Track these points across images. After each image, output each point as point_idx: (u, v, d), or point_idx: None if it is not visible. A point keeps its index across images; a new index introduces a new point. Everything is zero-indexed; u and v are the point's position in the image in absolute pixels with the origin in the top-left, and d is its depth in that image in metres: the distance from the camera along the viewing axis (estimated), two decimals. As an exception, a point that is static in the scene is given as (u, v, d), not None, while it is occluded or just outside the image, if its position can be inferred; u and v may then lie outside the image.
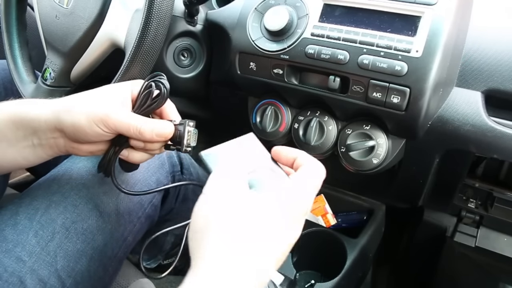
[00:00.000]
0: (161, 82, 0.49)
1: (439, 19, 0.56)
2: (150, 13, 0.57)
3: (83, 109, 0.47)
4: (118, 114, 0.46)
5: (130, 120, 0.47)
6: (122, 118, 0.46)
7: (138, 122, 0.47)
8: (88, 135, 0.47)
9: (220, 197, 0.38)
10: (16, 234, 0.53)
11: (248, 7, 0.69)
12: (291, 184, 0.40)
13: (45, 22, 0.74)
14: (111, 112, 0.46)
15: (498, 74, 0.59)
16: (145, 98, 0.50)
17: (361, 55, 0.59)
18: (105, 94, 0.49)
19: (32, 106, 0.50)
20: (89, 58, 0.70)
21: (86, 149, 0.51)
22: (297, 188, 0.40)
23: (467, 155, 0.69)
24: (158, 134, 0.48)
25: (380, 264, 1.02)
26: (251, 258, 0.35)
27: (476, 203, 0.83)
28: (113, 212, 0.60)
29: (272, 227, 0.37)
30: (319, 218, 0.83)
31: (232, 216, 0.36)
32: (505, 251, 0.84)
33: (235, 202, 0.37)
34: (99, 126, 0.46)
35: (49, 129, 0.49)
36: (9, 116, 0.49)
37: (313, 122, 0.68)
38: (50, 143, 0.50)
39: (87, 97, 0.49)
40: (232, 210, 0.36)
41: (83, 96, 0.50)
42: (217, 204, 0.37)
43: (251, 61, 0.69)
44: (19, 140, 0.50)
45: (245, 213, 0.36)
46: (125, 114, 0.47)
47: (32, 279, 0.51)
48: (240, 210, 0.37)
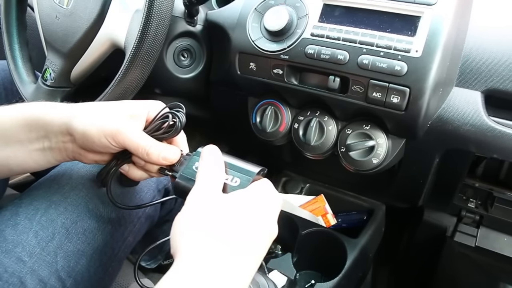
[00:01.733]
0: (178, 115, 0.51)
1: (439, 19, 0.56)
2: (150, 13, 0.57)
3: (96, 120, 0.48)
4: (129, 132, 0.48)
5: (140, 141, 0.48)
6: (133, 137, 0.48)
7: (147, 144, 0.48)
8: (95, 145, 0.48)
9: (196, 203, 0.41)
10: (16, 235, 0.53)
11: (248, 7, 0.69)
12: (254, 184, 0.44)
13: (45, 22, 0.74)
14: (123, 128, 0.47)
15: (498, 74, 0.59)
16: (159, 126, 0.51)
17: (361, 55, 0.59)
18: (121, 109, 0.50)
19: (47, 109, 0.51)
20: (89, 58, 0.70)
21: (91, 158, 0.52)
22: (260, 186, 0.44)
23: (467, 155, 0.69)
24: (164, 158, 0.49)
25: (380, 264, 1.02)
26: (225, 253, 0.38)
27: (476, 203, 0.83)
28: (113, 213, 0.60)
29: (244, 224, 0.40)
30: (319, 218, 0.83)
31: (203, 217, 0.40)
32: (505, 251, 0.84)
33: (207, 205, 0.41)
34: (108, 139, 0.47)
35: (60, 132, 0.50)
36: (24, 118, 0.50)
37: (313, 122, 0.68)
38: (59, 146, 0.51)
39: (102, 108, 0.50)
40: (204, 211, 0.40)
41: (99, 107, 0.50)
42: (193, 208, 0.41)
43: (251, 61, 0.69)
44: (31, 142, 0.51)
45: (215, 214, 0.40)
46: (136, 133, 0.48)
47: (32, 279, 0.51)
48: (211, 211, 0.40)
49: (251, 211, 0.41)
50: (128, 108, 0.51)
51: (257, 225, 0.41)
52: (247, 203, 0.42)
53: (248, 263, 0.39)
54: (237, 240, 0.39)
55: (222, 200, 0.42)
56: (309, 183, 0.94)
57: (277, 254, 0.73)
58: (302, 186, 0.94)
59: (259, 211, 0.42)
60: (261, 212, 0.42)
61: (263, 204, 0.43)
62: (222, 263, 0.37)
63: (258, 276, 0.57)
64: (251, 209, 0.41)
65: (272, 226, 0.42)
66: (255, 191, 0.43)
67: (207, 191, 0.42)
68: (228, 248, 0.38)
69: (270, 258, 0.72)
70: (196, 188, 0.43)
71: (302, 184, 0.94)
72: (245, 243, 0.39)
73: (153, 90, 0.87)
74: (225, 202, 0.41)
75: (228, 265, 0.37)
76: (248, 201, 0.42)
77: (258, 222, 0.41)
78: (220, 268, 0.37)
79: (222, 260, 0.37)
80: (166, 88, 0.87)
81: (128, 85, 0.61)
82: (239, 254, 0.38)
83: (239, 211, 0.41)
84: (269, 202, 0.43)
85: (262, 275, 0.58)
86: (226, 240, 0.38)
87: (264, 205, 0.43)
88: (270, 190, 0.45)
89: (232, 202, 0.42)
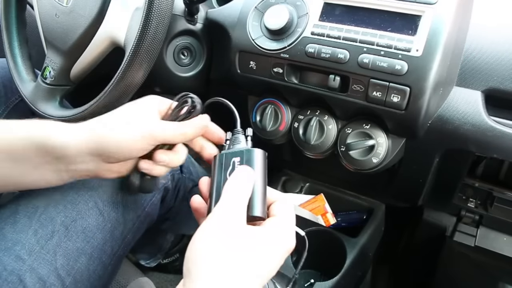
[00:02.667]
0: (195, 99, 0.52)
1: (440, 18, 0.56)
2: (150, 11, 0.57)
3: (129, 128, 0.48)
4: (162, 127, 0.49)
5: (173, 129, 0.49)
6: (167, 129, 0.49)
7: (178, 128, 0.50)
8: (133, 151, 0.49)
9: (219, 227, 0.40)
10: (15, 233, 0.53)
11: (248, 6, 0.69)
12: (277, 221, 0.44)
13: (45, 20, 0.74)
14: (156, 127, 0.49)
15: (498, 74, 0.59)
16: (179, 111, 0.52)
17: (361, 54, 0.59)
18: (141, 110, 0.50)
19: (59, 131, 0.49)
20: (89, 56, 0.70)
21: (116, 169, 0.52)
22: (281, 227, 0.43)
23: (467, 155, 0.69)
24: (199, 127, 0.51)
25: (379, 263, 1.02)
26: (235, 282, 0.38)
27: (475, 202, 0.83)
28: (112, 211, 0.60)
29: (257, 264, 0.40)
30: (319, 217, 0.83)
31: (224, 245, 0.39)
32: (505, 251, 0.84)
33: (230, 234, 0.40)
34: (147, 141, 0.48)
35: (79, 154, 0.48)
36: (32, 142, 0.48)
37: (313, 121, 0.68)
38: (78, 168, 0.50)
39: (125, 116, 0.50)
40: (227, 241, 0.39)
41: (121, 116, 0.50)
42: (216, 233, 0.40)
43: (251, 60, 0.69)
44: (43, 164, 0.49)
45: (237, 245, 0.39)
46: (166, 124, 0.50)
47: (32, 277, 0.51)
48: (233, 242, 0.40)
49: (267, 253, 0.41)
50: (146, 106, 0.51)
51: (269, 265, 0.41)
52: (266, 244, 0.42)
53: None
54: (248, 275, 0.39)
55: (245, 233, 0.41)
56: (309, 182, 0.94)
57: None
58: (302, 185, 0.94)
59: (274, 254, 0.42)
60: (276, 255, 0.42)
61: (280, 247, 0.43)
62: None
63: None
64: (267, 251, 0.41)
65: (278, 265, 0.42)
66: (276, 232, 0.43)
67: (232, 217, 0.41)
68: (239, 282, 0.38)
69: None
70: (222, 209, 0.42)
71: (302, 183, 0.94)
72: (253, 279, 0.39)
73: (153, 89, 0.87)
74: (247, 236, 0.41)
75: None
76: (267, 242, 0.42)
77: (269, 264, 0.41)
78: None
79: None
80: (166, 87, 0.86)
81: (128, 84, 0.61)
82: None
83: (257, 250, 0.41)
84: (286, 246, 0.43)
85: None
86: (240, 274, 0.39)
87: (280, 249, 0.43)
88: (290, 233, 0.44)
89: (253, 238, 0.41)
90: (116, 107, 0.65)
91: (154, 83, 0.84)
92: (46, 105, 0.73)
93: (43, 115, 0.72)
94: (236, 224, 0.41)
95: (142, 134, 0.48)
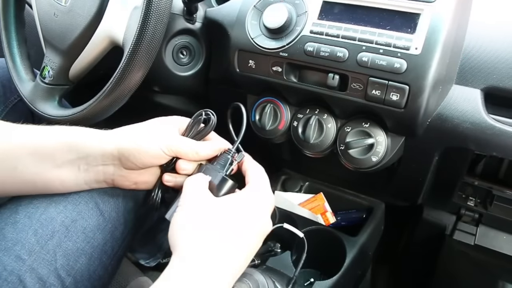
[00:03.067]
0: (209, 112, 0.57)
1: (439, 16, 0.56)
2: (148, 10, 0.57)
3: (150, 139, 0.53)
4: (180, 142, 0.54)
5: (188, 145, 0.54)
6: (183, 143, 0.54)
7: (194, 145, 0.54)
8: (151, 159, 0.53)
9: (192, 205, 0.48)
10: (15, 233, 0.53)
11: (247, 4, 0.69)
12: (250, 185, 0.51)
13: (44, 20, 0.73)
14: (174, 140, 0.53)
15: (498, 72, 0.59)
16: (195, 129, 0.56)
17: (360, 53, 0.59)
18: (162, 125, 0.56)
19: (88, 134, 0.54)
20: (88, 56, 0.70)
21: (133, 178, 0.56)
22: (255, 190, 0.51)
23: (466, 153, 0.69)
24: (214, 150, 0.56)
25: (379, 262, 1.02)
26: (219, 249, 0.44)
27: (475, 201, 0.83)
28: (113, 211, 0.60)
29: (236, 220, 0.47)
30: (318, 216, 0.83)
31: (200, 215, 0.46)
32: (504, 249, 0.84)
33: (203, 207, 0.47)
34: (163, 149, 0.52)
35: (103, 155, 0.53)
36: (63, 139, 0.53)
37: (312, 120, 0.68)
38: (98, 169, 0.54)
39: (148, 128, 0.55)
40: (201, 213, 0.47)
41: (144, 128, 0.55)
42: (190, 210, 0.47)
43: (250, 59, 0.69)
44: (65, 164, 0.53)
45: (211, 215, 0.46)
46: (184, 139, 0.54)
47: (32, 277, 0.51)
48: (207, 213, 0.47)
49: (243, 210, 0.48)
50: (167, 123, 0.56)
51: (249, 220, 0.47)
52: (239, 203, 0.49)
53: (242, 253, 0.46)
54: (230, 234, 0.45)
55: (216, 200, 0.48)
56: (308, 181, 0.94)
57: (276, 252, 0.73)
58: (302, 184, 0.94)
59: (250, 210, 0.48)
60: (252, 210, 0.49)
61: (255, 202, 0.49)
62: (217, 255, 0.44)
63: (258, 275, 0.57)
64: (243, 207, 0.48)
65: (261, 221, 0.49)
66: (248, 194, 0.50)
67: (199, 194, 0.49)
68: (222, 242, 0.45)
69: (269, 257, 0.72)
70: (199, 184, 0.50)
71: (302, 182, 0.94)
72: (238, 237, 0.46)
73: (152, 88, 0.87)
74: (219, 203, 0.48)
75: (223, 256, 0.44)
76: (241, 201, 0.49)
77: (249, 218, 0.48)
78: (215, 259, 0.44)
79: (217, 252, 0.44)
80: (164, 86, 0.86)
81: (127, 83, 0.61)
82: (232, 246, 0.45)
83: (232, 209, 0.48)
84: (262, 205, 0.50)
85: (261, 273, 0.58)
86: (220, 235, 0.45)
87: (256, 204, 0.49)
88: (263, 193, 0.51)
89: (225, 202, 0.48)
90: (115, 106, 0.65)
91: (153, 82, 0.84)
92: (45, 104, 0.73)
93: (42, 115, 0.72)
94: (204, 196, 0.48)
95: (160, 145, 0.52)
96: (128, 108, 0.68)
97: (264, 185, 0.52)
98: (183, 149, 0.53)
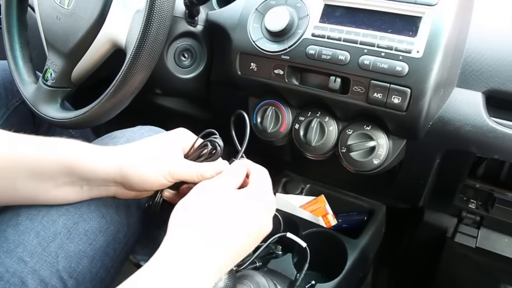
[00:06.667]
0: (216, 141, 0.55)
1: (440, 19, 0.56)
2: (151, 13, 0.57)
3: (152, 166, 0.51)
4: (182, 167, 0.52)
5: (192, 171, 0.53)
6: (187, 170, 0.52)
7: (198, 170, 0.53)
8: (153, 186, 0.52)
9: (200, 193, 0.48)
10: (17, 235, 0.53)
11: (248, 7, 0.69)
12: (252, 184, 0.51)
13: (46, 22, 0.74)
14: (177, 165, 0.52)
15: (499, 75, 0.59)
16: (200, 154, 0.55)
17: (362, 56, 0.59)
18: (165, 148, 0.53)
19: (88, 155, 0.52)
20: (90, 58, 0.70)
21: (133, 195, 0.55)
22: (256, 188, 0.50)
23: (467, 156, 0.69)
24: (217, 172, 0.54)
25: (380, 265, 1.02)
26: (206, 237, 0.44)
27: (476, 203, 0.83)
28: (115, 214, 0.60)
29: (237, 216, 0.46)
30: (320, 218, 0.83)
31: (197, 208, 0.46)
32: (506, 252, 0.84)
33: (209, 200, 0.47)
34: (166, 178, 0.51)
35: (105, 179, 0.52)
36: (62, 163, 0.51)
37: (313, 123, 0.68)
38: (100, 190, 0.54)
39: (150, 152, 0.53)
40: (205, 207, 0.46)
41: (146, 151, 0.53)
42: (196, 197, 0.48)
43: (251, 62, 0.69)
44: (67, 184, 0.52)
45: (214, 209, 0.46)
46: (187, 165, 0.53)
47: (34, 279, 0.51)
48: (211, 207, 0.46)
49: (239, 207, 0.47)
50: (169, 145, 0.54)
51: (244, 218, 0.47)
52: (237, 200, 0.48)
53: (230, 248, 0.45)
54: (221, 227, 0.45)
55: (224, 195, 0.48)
56: (309, 183, 0.94)
57: (277, 254, 0.73)
58: (303, 187, 0.94)
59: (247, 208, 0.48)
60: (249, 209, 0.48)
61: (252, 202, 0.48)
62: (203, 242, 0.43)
63: (259, 277, 0.57)
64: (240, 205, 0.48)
65: (257, 221, 0.48)
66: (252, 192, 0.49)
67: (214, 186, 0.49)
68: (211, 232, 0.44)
69: (270, 259, 0.72)
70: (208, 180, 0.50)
71: (303, 184, 0.94)
72: (229, 232, 0.45)
73: (154, 90, 0.87)
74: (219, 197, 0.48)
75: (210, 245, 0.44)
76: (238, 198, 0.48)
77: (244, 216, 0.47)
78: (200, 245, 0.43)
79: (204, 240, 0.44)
80: (166, 88, 0.87)
81: (129, 86, 0.61)
82: (221, 239, 0.44)
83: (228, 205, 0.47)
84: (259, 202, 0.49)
85: (263, 275, 0.58)
86: (210, 225, 0.45)
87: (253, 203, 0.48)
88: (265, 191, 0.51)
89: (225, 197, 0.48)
90: (117, 109, 0.65)
91: (155, 85, 0.84)
92: (47, 107, 0.73)
93: (44, 117, 0.72)
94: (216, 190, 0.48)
95: (162, 172, 0.51)
96: (130, 110, 0.68)
97: (264, 186, 0.51)
98: (187, 174, 0.52)
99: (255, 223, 0.48)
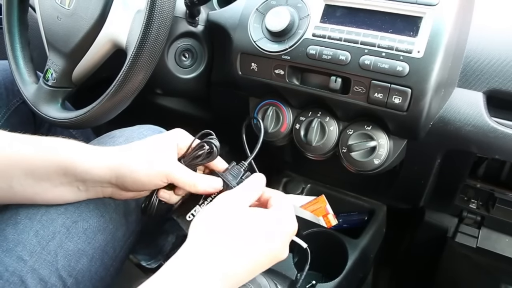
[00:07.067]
0: (212, 142, 0.55)
1: (441, 19, 0.56)
2: (152, 14, 0.57)
3: (147, 165, 0.51)
4: (178, 171, 0.52)
5: (186, 178, 0.52)
6: (181, 175, 0.52)
7: (193, 179, 0.52)
8: (146, 187, 0.53)
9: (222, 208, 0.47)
10: (16, 234, 0.53)
11: (249, 7, 0.69)
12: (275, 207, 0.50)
13: (47, 23, 0.74)
14: (173, 168, 0.52)
15: (500, 75, 0.59)
16: (196, 154, 0.55)
17: (363, 56, 0.59)
18: (160, 150, 0.53)
19: (84, 156, 0.52)
20: (91, 58, 0.70)
21: (130, 195, 0.55)
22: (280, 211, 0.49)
23: (468, 156, 0.69)
24: (211, 188, 0.53)
25: (381, 265, 1.02)
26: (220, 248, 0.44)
27: (477, 203, 0.83)
28: (114, 212, 0.60)
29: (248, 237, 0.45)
30: (320, 218, 0.83)
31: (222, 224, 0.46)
32: (507, 252, 0.84)
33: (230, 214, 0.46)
34: (161, 179, 0.51)
35: (100, 180, 0.52)
36: (58, 163, 0.51)
37: (314, 123, 0.68)
38: (96, 190, 0.54)
39: (145, 153, 0.52)
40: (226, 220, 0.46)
41: (141, 153, 0.52)
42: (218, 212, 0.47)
43: (252, 62, 0.69)
44: (63, 184, 0.52)
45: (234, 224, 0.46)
46: (183, 170, 0.52)
47: (33, 278, 0.51)
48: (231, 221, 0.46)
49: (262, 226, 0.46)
50: (164, 145, 0.53)
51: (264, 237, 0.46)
52: (263, 218, 0.47)
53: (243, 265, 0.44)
54: (237, 242, 0.44)
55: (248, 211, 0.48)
56: (310, 183, 0.94)
57: (278, 254, 0.73)
58: (303, 187, 0.94)
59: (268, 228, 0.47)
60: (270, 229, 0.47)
61: (276, 223, 0.48)
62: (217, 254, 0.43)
63: (260, 278, 0.57)
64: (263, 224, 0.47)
65: (276, 243, 0.47)
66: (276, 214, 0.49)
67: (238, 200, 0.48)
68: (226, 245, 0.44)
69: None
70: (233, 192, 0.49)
71: (303, 184, 0.94)
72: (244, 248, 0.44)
73: (154, 90, 0.87)
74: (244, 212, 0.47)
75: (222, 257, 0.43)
76: (264, 217, 0.47)
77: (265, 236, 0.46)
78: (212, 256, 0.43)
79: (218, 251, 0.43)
80: (167, 89, 0.87)
81: (130, 86, 0.61)
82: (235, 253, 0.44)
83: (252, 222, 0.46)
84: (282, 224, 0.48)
85: (263, 275, 0.58)
86: (228, 239, 0.44)
87: (276, 225, 0.47)
88: (289, 216, 0.49)
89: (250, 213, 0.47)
90: (118, 109, 0.66)
91: (156, 85, 0.84)
92: (48, 107, 0.74)
93: (45, 117, 0.72)
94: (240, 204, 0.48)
95: (156, 174, 0.51)
96: (131, 110, 0.68)
97: (290, 211, 0.50)
98: (181, 180, 0.52)
99: (273, 244, 0.46)
